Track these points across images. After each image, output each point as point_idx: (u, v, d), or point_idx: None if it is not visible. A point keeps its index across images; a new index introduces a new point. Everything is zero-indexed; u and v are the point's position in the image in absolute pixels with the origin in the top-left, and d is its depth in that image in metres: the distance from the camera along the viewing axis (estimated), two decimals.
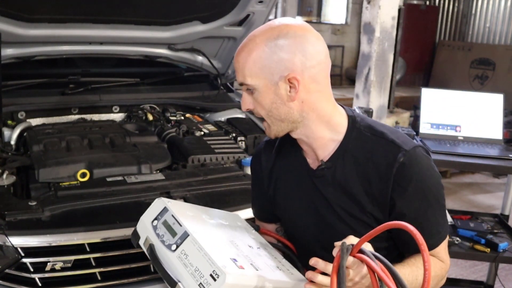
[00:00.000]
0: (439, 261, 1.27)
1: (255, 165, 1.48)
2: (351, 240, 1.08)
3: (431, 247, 1.25)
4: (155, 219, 1.19)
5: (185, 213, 1.22)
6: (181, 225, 1.14)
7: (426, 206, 1.22)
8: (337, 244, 1.07)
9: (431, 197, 1.22)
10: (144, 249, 1.19)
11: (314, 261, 1.08)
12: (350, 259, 1.03)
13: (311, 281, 1.09)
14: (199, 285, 1.03)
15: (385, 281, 0.98)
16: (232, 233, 1.28)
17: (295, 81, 1.18)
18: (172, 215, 1.17)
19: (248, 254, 1.17)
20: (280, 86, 1.18)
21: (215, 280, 1.01)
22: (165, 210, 1.20)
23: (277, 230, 1.47)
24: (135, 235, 1.22)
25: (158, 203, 1.23)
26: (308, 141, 1.27)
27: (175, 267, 1.09)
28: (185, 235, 1.11)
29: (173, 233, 1.14)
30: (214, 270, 1.02)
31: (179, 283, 1.07)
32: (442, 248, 1.28)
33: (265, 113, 1.23)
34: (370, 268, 1.01)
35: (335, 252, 1.06)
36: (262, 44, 1.18)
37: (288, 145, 1.36)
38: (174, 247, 1.11)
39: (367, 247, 1.07)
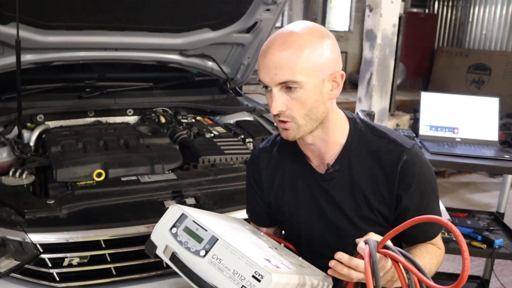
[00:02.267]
0: (438, 249, 1.33)
1: (252, 172, 1.43)
2: (373, 236, 1.11)
3: (433, 236, 1.31)
4: (174, 226, 1.12)
5: (203, 217, 1.15)
6: (206, 230, 1.09)
7: (427, 199, 1.27)
8: (358, 240, 1.09)
9: (430, 189, 1.28)
10: (165, 259, 1.11)
11: (339, 255, 1.07)
12: (377, 255, 1.04)
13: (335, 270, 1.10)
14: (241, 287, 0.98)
15: (414, 272, 1.01)
16: (250, 236, 1.25)
17: (340, 78, 1.19)
18: (194, 221, 1.11)
19: (274, 254, 1.14)
20: (325, 84, 1.17)
21: (259, 281, 0.97)
22: (183, 216, 1.13)
23: (274, 233, 1.48)
24: (151, 245, 1.14)
25: (174, 210, 1.15)
26: (320, 145, 1.27)
27: (208, 272, 1.04)
28: (214, 239, 1.07)
29: (198, 239, 1.08)
30: (256, 271, 0.98)
31: None
32: (439, 236, 1.34)
33: (303, 113, 1.16)
34: (397, 262, 1.04)
35: (359, 248, 1.07)
36: (313, 41, 1.13)
37: (287, 152, 1.36)
38: (203, 252, 1.06)
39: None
